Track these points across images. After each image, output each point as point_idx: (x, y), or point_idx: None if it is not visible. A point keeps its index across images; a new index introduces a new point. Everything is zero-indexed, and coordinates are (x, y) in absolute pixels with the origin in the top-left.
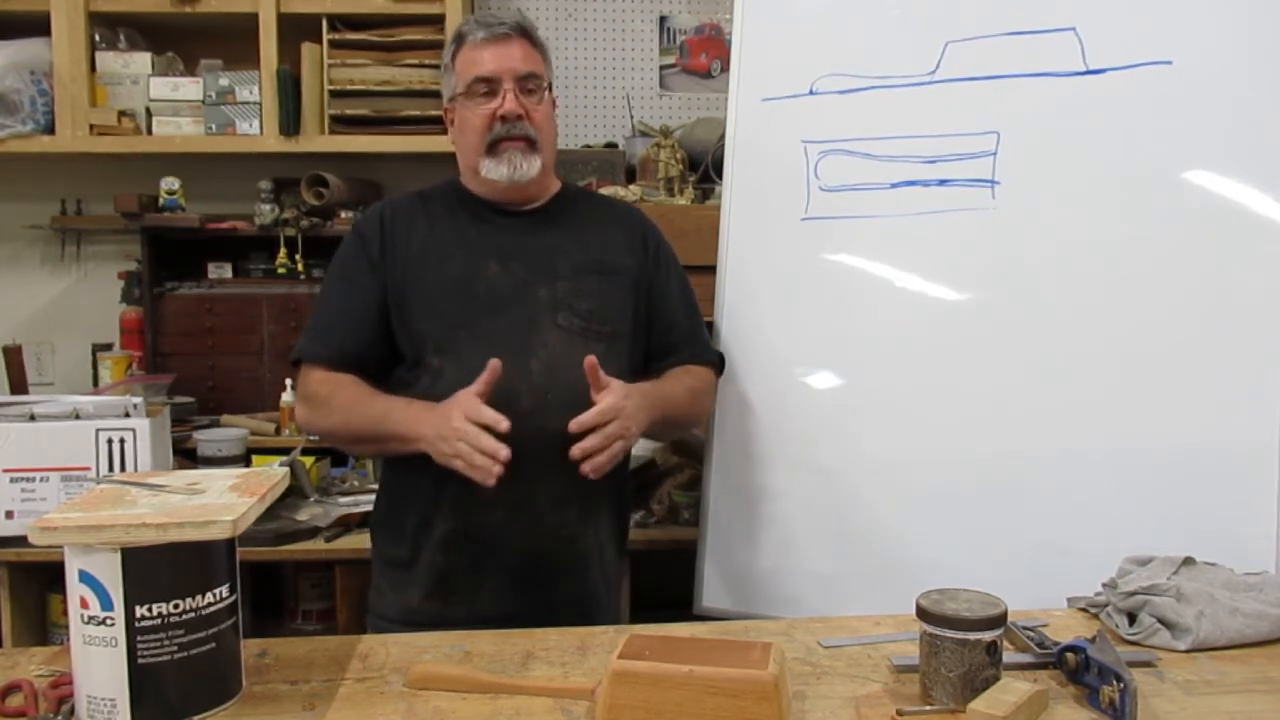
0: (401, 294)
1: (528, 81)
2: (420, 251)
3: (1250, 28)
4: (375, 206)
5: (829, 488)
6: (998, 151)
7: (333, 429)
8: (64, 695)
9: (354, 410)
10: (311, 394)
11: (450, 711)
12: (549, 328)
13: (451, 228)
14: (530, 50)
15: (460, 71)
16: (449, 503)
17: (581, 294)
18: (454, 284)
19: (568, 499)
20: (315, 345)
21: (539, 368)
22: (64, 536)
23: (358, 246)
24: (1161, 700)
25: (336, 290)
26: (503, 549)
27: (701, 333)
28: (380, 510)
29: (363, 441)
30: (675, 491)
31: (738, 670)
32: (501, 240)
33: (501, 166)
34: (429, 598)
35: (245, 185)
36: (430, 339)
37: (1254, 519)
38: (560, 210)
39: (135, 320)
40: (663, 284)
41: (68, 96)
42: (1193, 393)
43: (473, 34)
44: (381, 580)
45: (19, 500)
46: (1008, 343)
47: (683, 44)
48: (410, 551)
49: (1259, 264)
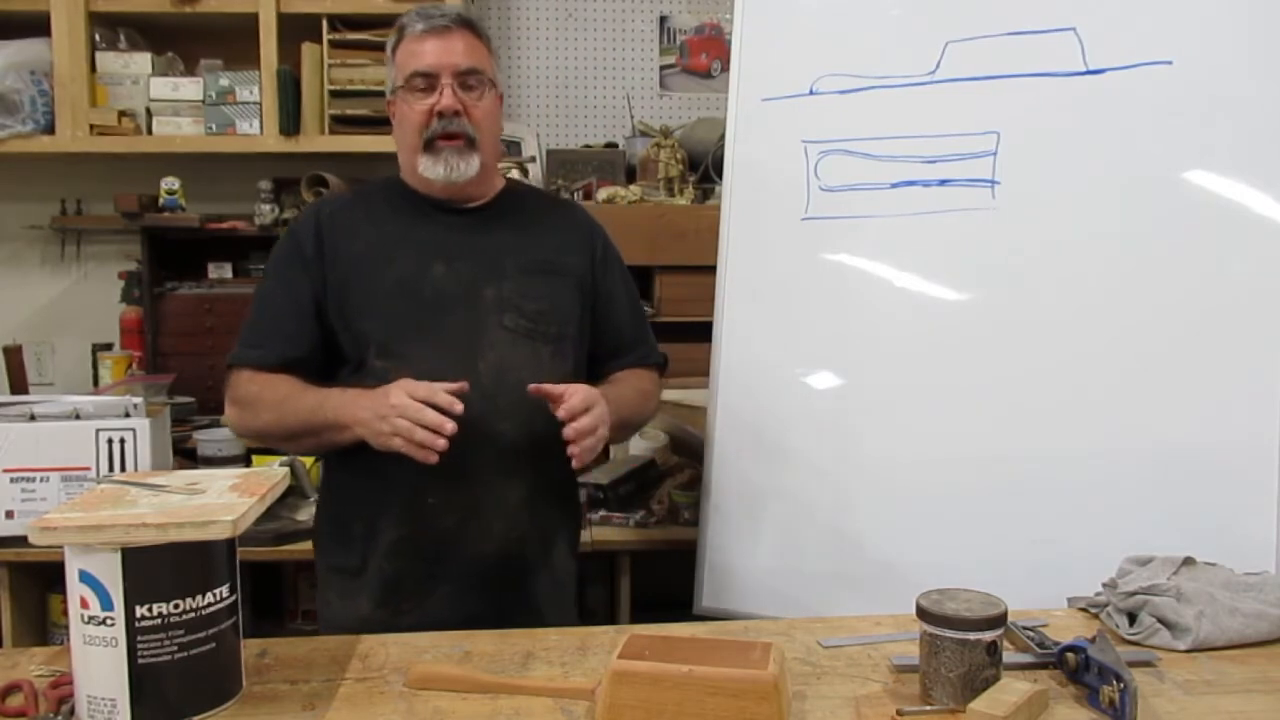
0: (343, 294)
1: (468, 77)
2: (364, 251)
3: (1250, 28)
4: (310, 207)
5: (829, 488)
6: (998, 151)
7: (265, 427)
8: (64, 695)
9: (286, 405)
10: (241, 395)
11: (450, 711)
12: (495, 329)
13: (396, 227)
14: (473, 44)
15: (400, 64)
16: (397, 509)
17: (528, 294)
18: (399, 284)
19: (518, 502)
20: (248, 350)
21: (487, 370)
22: (64, 536)
23: (291, 248)
24: (1161, 700)
25: (270, 294)
26: (454, 555)
27: (647, 335)
28: (324, 518)
29: (298, 436)
30: (675, 491)
31: (738, 670)
32: (448, 239)
33: (438, 166)
34: (379, 606)
35: (245, 185)
36: (373, 340)
37: (1254, 519)
38: (506, 209)
39: (135, 320)
40: (610, 287)
41: (68, 96)
42: (1192, 392)
43: (412, 26)
44: (328, 590)
45: (19, 500)
46: (1007, 342)
47: (683, 44)
48: (358, 559)
49: (1258, 264)
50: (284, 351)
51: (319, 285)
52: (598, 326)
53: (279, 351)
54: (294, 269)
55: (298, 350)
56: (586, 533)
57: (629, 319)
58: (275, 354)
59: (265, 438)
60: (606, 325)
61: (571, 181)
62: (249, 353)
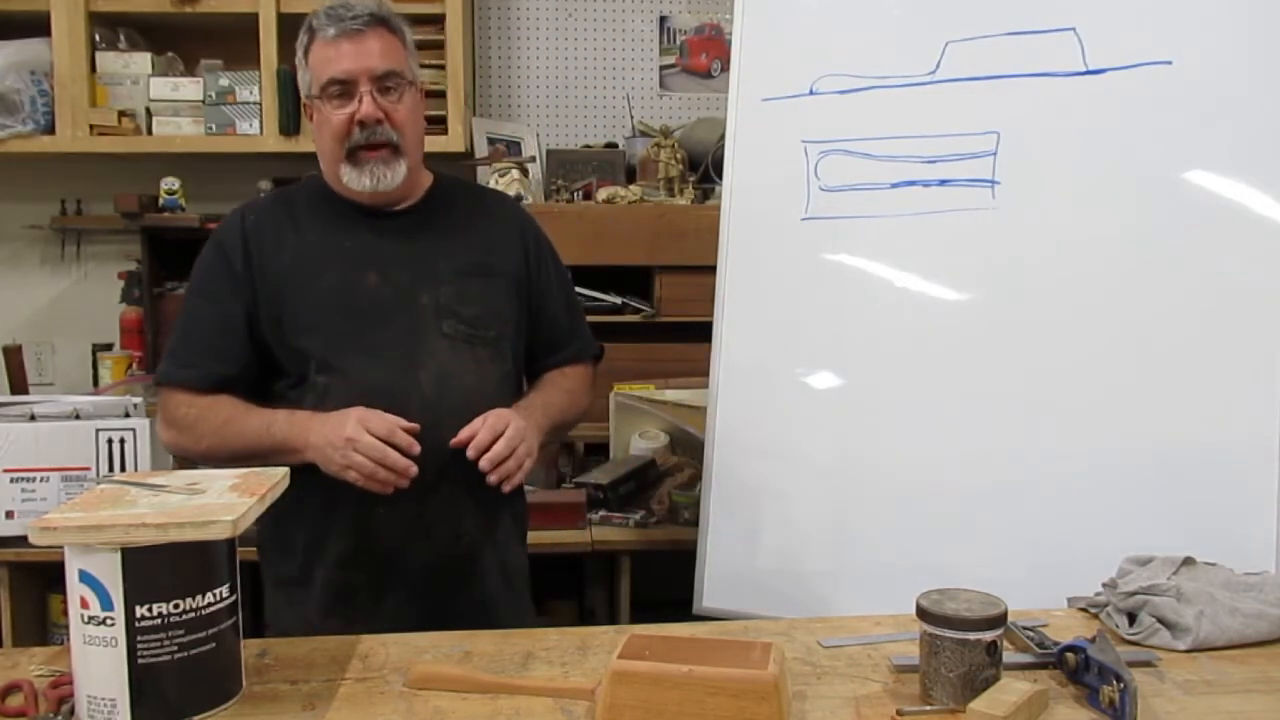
0: (277, 309)
1: (386, 80)
2: (293, 264)
3: (1250, 28)
4: (234, 213)
5: (829, 488)
6: (998, 151)
7: (206, 452)
8: (64, 695)
9: (228, 429)
10: (178, 419)
11: (450, 711)
12: (434, 337)
13: (323, 236)
14: (389, 43)
15: (314, 69)
16: (343, 520)
17: (465, 299)
18: (333, 297)
19: (465, 508)
20: (177, 368)
21: (428, 379)
22: (64, 536)
23: (218, 259)
24: (1161, 700)
25: (197, 308)
26: (402, 564)
27: (582, 328)
28: (265, 528)
29: (243, 459)
30: (675, 491)
31: (738, 670)
32: (379, 246)
33: (364, 178)
34: (329, 616)
35: (245, 185)
36: (313, 356)
37: (1254, 519)
38: (437, 209)
39: (135, 320)
40: (544, 283)
41: (68, 96)
42: (1192, 392)
43: (324, 30)
44: (277, 597)
45: (19, 500)
46: (1007, 342)
47: (683, 44)
48: (302, 569)
49: (1259, 264)
50: (217, 370)
51: (249, 301)
52: (533, 322)
53: (211, 370)
54: (223, 285)
55: (231, 368)
56: (586, 533)
57: (564, 314)
58: (208, 373)
59: (207, 460)
60: (541, 320)
61: (571, 181)
62: (180, 372)
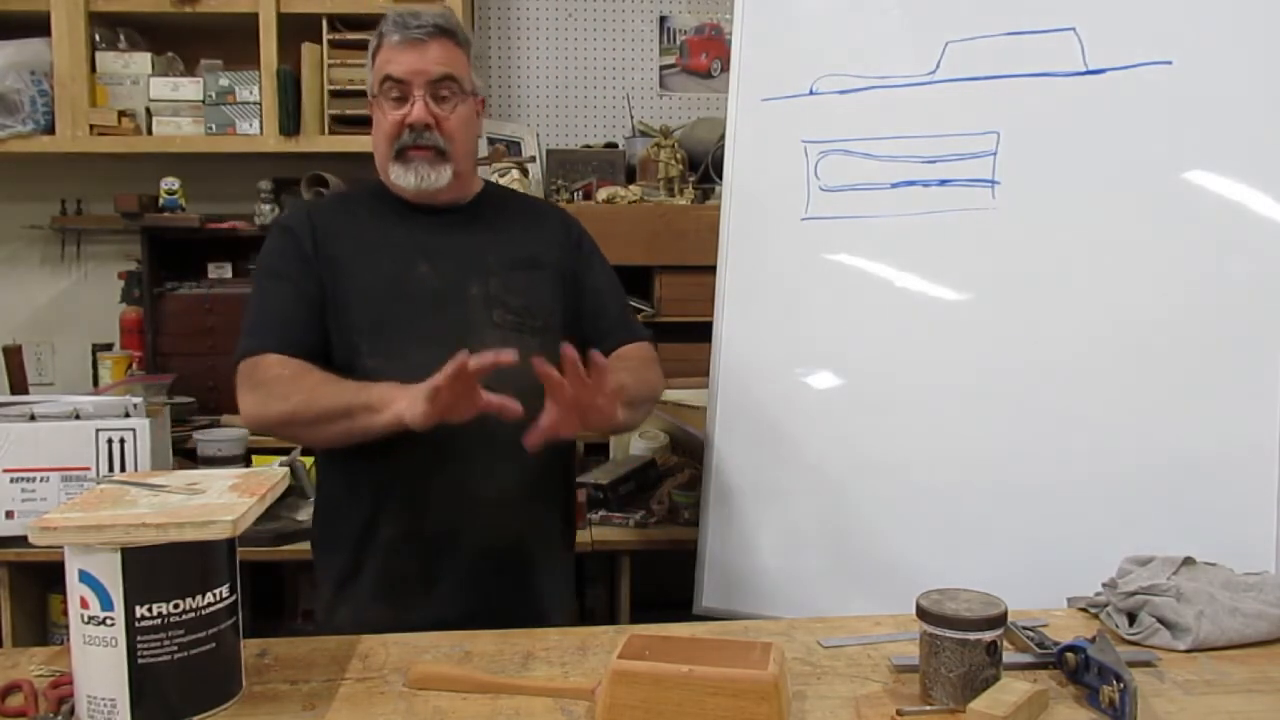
0: (333, 296)
1: (440, 86)
2: (350, 254)
3: (1250, 28)
4: (299, 206)
5: (829, 488)
6: (998, 151)
7: (294, 409)
8: (64, 695)
9: (323, 388)
10: (271, 377)
11: (450, 711)
12: (485, 325)
13: (377, 229)
14: (450, 52)
15: (376, 69)
16: (394, 507)
17: (512, 290)
18: (385, 285)
19: (515, 496)
20: (264, 338)
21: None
22: (64, 536)
23: (288, 242)
24: (1161, 700)
25: (272, 287)
26: (452, 551)
27: (630, 319)
28: (321, 521)
29: (325, 420)
30: (675, 491)
31: (738, 670)
32: (428, 239)
33: (409, 175)
34: (379, 604)
35: (245, 185)
36: (364, 340)
37: (1254, 519)
38: (484, 209)
39: (135, 320)
40: (590, 277)
41: (68, 96)
42: (1193, 392)
43: (389, 35)
44: (326, 591)
45: (19, 500)
46: (1007, 342)
47: (683, 44)
48: (353, 561)
49: (1259, 264)
50: (301, 338)
51: (317, 281)
52: (582, 313)
53: (297, 338)
54: (294, 264)
55: (311, 338)
56: (586, 533)
57: (611, 304)
58: (294, 340)
59: (288, 422)
60: (587, 311)
61: (571, 181)
62: (266, 340)
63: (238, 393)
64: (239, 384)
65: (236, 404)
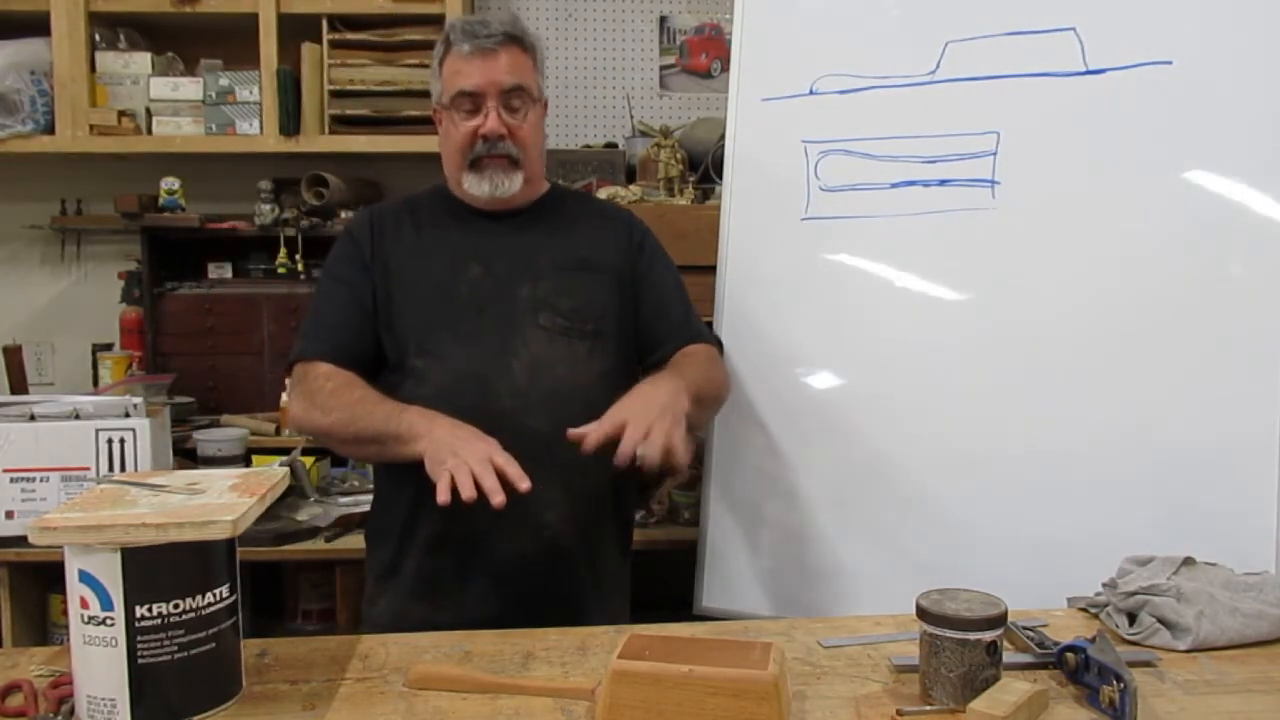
0: (387, 297)
1: (512, 97)
2: (406, 256)
3: (1250, 28)
4: (365, 209)
5: (829, 488)
6: (998, 151)
7: (330, 425)
8: (64, 695)
9: (359, 408)
10: (317, 388)
11: (450, 711)
12: (530, 328)
13: (435, 232)
14: (519, 59)
15: (446, 80)
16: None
17: (563, 292)
18: (436, 286)
19: (552, 498)
20: (318, 344)
21: (520, 367)
22: (64, 536)
23: (351, 248)
24: (1161, 700)
25: (331, 290)
26: (488, 551)
27: (693, 321)
28: (372, 514)
29: (361, 442)
30: (675, 491)
31: (738, 670)
32: (484, 242)
33: (484, 183)
34: (416, 601)
35: (245, 185)
36: (412, 341)
37: (1253, 518)
38: (545, 210)
39: (135, 320)
40: (652, 278)
41: (68, 96)
42: (1193, 392)
43: (459, 45)
44: (373, 587)
45: (19, 500)
46: (1007, 342)
47: (683, 44)
48: (394, 558)
49: (1259, 263)
50: (353, 347)
51: (371, 288)
52: (642, 316)
53: (348, 345)
54: (353, 269)
55: (363, 345)
56: None
57: (675, 305)
58: (345, 347)
59: (327, 436)
60: (648, 312)
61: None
62: (318, 346)
63: (288, 393)
64: (290, 385)
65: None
